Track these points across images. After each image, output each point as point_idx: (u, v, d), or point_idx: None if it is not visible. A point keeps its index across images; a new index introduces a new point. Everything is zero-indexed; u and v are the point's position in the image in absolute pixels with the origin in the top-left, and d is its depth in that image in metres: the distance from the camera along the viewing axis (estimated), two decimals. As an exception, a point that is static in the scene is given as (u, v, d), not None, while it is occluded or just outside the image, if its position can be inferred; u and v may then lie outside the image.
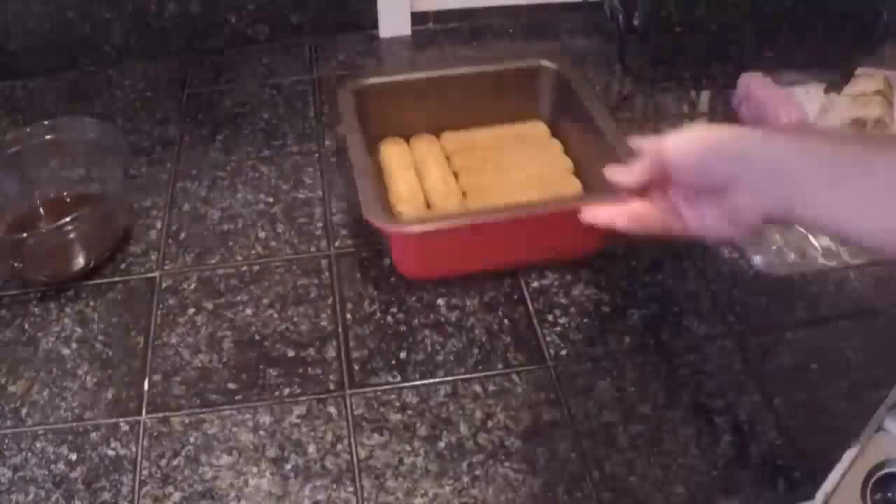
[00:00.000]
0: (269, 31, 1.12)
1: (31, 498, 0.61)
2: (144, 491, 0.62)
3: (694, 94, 1.02)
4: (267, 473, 0.63)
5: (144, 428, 0.66)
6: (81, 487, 0.62)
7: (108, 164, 0.83)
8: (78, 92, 1.05)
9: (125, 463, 0.64)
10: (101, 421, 0.67)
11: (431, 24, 1.16)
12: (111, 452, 0.64)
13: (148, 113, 1.01)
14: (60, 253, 0.77)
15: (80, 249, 0.77)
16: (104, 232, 0.80)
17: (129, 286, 0.79)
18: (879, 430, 0.64)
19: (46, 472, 0.63)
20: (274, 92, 1.04)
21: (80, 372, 0.71)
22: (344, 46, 1.12)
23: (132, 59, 1.09)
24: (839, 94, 0.87)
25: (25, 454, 0.64)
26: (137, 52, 1.09)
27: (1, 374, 0.71)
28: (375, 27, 1.14)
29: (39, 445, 0.65)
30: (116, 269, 0.80)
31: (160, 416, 0.67)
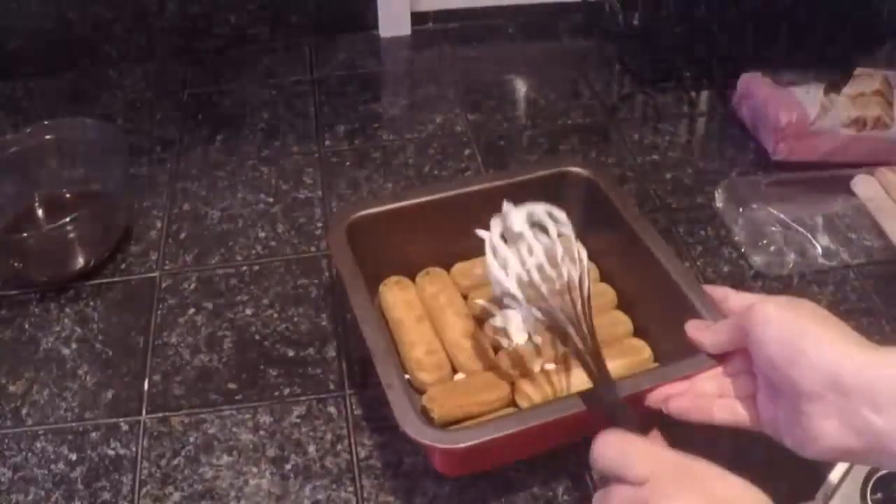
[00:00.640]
0: (269, 31, 1.12)
1: (31, 498, 0.61)
2: (144, 491, 0.62)
3: (694, 94, 1.02)
4: (267, 473, 0.63)
5: (144, 428, 0.66)
6: (81, 487, 0.62)
7: (108, 164, 0.83)
8: (78, 92, 1.05)
9: (125, 463, 0.64)
10: (101, 421, 0.67)
11: (431, 24, 1.16)
12: (111, 452, 0.64)
13: (148, 113, 1.01)
14: (60, 253, 0.77)
15: (80, 249, 0.77)
16: (104, 232, 0.80)
17: (129, 286, 0.79)
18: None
19: (46, 472, 0.63)
20: (274, 92, 1.04)
21: (80, 372, 0.71)
22: (344, 46, 1.12)
23: (132, 59, 1.09)
24: (839, 93, 0.87)
25: (25, 454, 0.64)
26: (137, 52, 1.09)
27: (1, 374, 0.71)
28: (375, 27, 1.14)
29: (39, 445, 0.65)
30: (116, 269, 0.80)
31: (160, 416, 0.67)
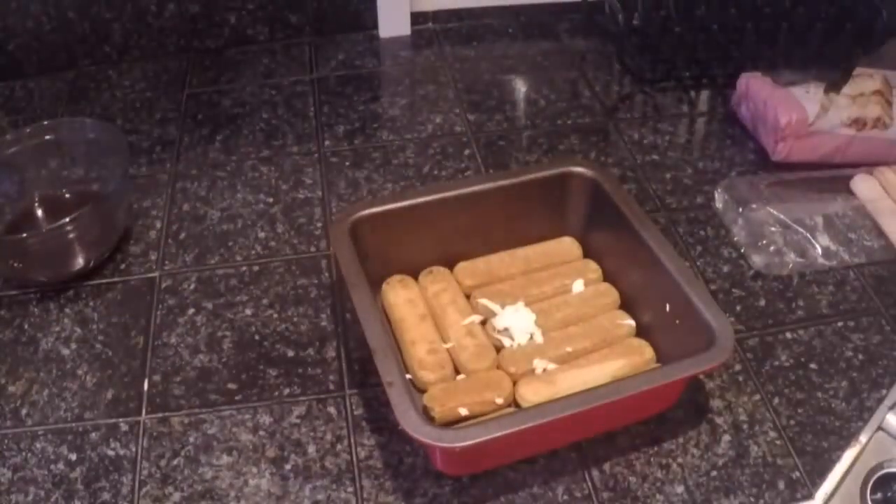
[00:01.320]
0: (269, 31, 1.12)
1: (30, 498, 0.61)
2: (144, 491, 0.62)
3: (693, 94, 1.02)
4: (266, 474, 0.63)
5: (144, 428, 0.66)
6: (81, 487, 0.62)
7: (108, 164, 0.83)
8: (78, 92, 1.05)
9: (125, 463, 0.64)
10: (100, 421, 0.67)
11: (431, 24, 1.16)
12: (111, 452, 0.64)
13: (148, 113, 1.01)
14: (60, 253, 0.77)
15: (79, 249, 0.77)
16: (104, 232, 0.80)
17: (128, 286, 0.79)
18: (879, 430, 0.64)
19: (46, 472, 0.63)
20: (274, 92, 1.04)
21: (79, 372, 0.71)
22: (344, 46, 1.12)
23: (132, 59, 1.09)
24: (838, 94, 0.87)
25: (25, 454, 0.64)
26: (137, 52, 1.09)
27: (1, 374, 0.71)
28: (375, 27, 1.14)
29: (39, 445, 0.65)
30: (116, 269, 0.80)
31: (160, 416, 0.67)
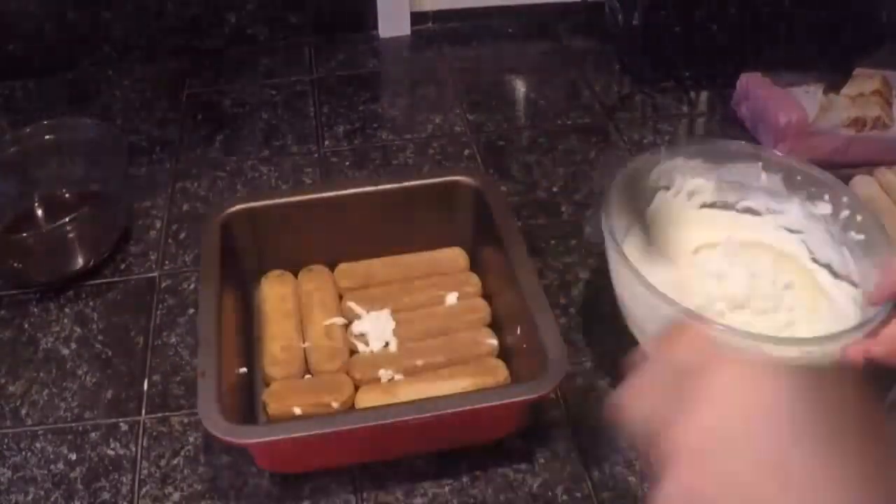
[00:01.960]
0: (269, 31, 1.12)
1: (30, 498, 0.61)
2: (144, 491, 0.62)
3: (693, 94, 1.02)
4: (266, 473, 0.62)
5: (144, 428, 0.66)
6: (81, 487, 0.62)
7: (108, 164, 0.83)
8: (78, 92, 1.05)
9: (125, 463, 0.64)
10: (100, 421, 0.67)
11: (431, 24, 1.16)
12: (111, 452, 0.64)
13: (148, 113, 1.01)
14: (60, 253, 0.77)
15: (79, 249, 0.77)
16: (104, 232, 0.80)
17: (128, 286, 0.79)
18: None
19: (46, 472, 0.63)
20: (274, 92, 1.04)
21: (79, 372, 0.71)
22: (344, 46, 1.12)
23: (132, 59, 1.09)
24: (838, 94, 0.87)
25: (25, 454, 0.64)
26: (137, 52, 1.09)
27: (1, 374, 0.71)
28: (375, 27, 1.14)
29: (39, 445, 0.65)
30: (116, 269, 0.80)
31: (160, 416, 0.67)
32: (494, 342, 0.69)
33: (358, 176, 0.90)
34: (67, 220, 0.74)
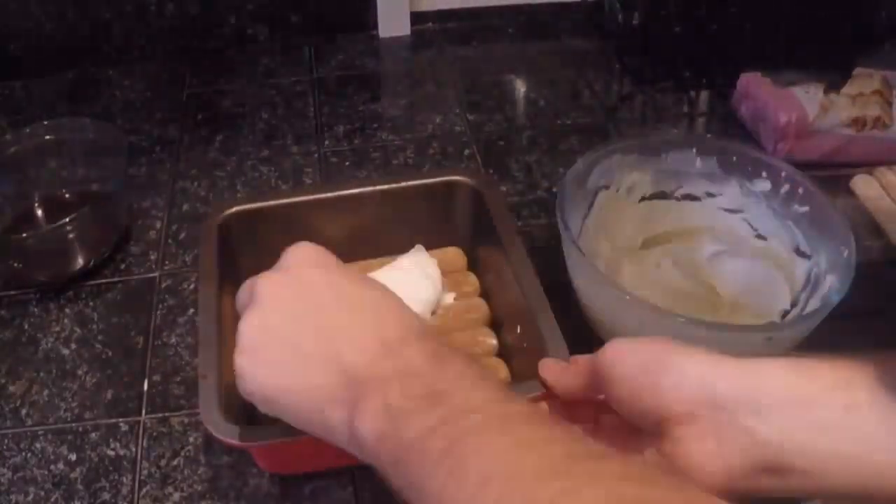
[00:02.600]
0: (269, 31, 1.12)
1: (30, 498, 0.61)
2: (144, 491, 0.62)
3: (693, 94, 1.02)
4: (266, 474, 0.62)
5: (144, 428, 0.66)
6: (81, 488, 0.62)
7: (108, 164, 0.83)
8: (78, 92, 1.05)
9: (125, 463, 0.64)
10: (100, 421, 0.67)
11: (431, 24, 1.16)
12: (111, 452, 0.64)
13: (148, 113, 1.01)
14: (60, 253, 0.77)
15: (79, 249, 0.77)
16: (104, 232, 0.80)
17: (128, 286, 0.79)
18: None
19: (46, 472, 0.63)
20: (274, 92, 1.04)
21: (79, 372, 0.71)
22: (344, 46, 1.12)
23: (132, 59, 1.09)
24: (838, 94, 0.87)
25: (25, 454, 0.64)
26: (137, 52, 1.09)
27: (1, 374, 0.71)
28: (375, 27, 1.14)
29: (39, 445, 0.65)
30: (116, 269, 0.80)
31: (160, 416, 0.67)
32: (494, 341, 0.69)
33: (358, 176, 0.90)
34: (67, 220, 0.74)
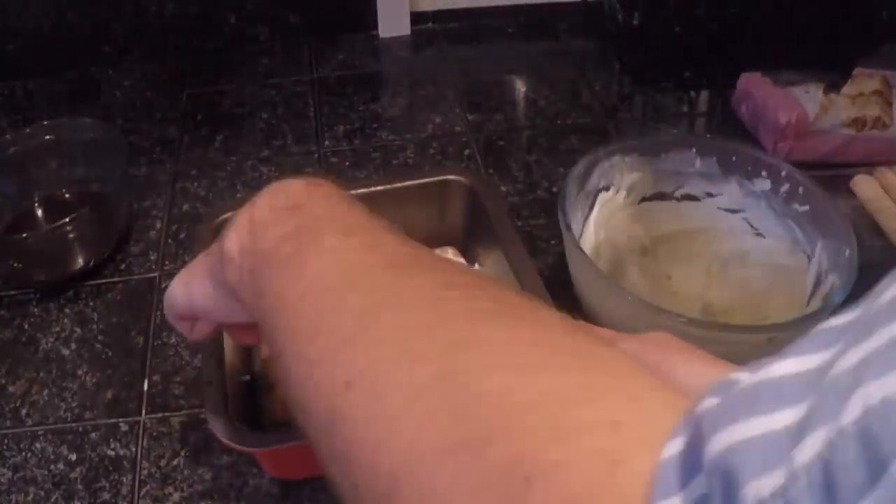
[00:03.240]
0: (269, 31, 1.12)
1: (30, 498, 0.61)
2: (144, 491, 0.62)
3: (693, 94, 1.02)
4: (266, 474, 0.62)
5: (144, 428, 0.66)
6: (81, 488, 0.62)
7: (108, 164, 0.83)
8: (78, 92, 1.05)
9: (125, 463, 0.64)
10: (100, 421, 0.67)
11: (431, 24, 1.16)
12: (111, 452, 0.64)
13: (148, 113, 1.01)
14: (60, 253, 0.77)
15: (79, 249, 0.77)
16: (104, 232, 0.80)
17: (128, 286, 0.79)
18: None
19: (46, 472, 0.63)
20: (274, 92, 1.04)
21: (79, 372, 0.71)
22: (344, 46, 1.12)
23: (132, 59, 1.09)
24: (838, 94, 0.87)
25: (25, 454, 0.64)
26: (137, 52, 1.09)
27: (1, 374, 0.71)
28: (375, 27, 1.14)
29: (39, 445, 0.65)
30: (116, 269, 0.80)
31: (160, 416, 0.67)
32: None
33: (358, 176, 0.90)
34: (67, 220, 0.74)
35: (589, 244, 0.70)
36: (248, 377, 0.66)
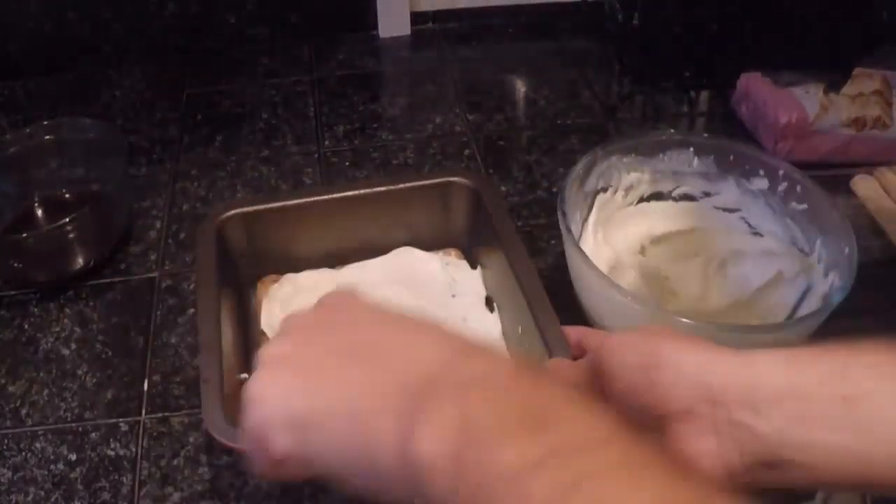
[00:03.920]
0: (269, 31, 1.12)
1: (30, 498, 0.61)
2: (144, 491, 0.62)
3: (693, 94, 1.02)
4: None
5: (144, 428, 0.66)
6: (81, 488, 0.62)
7: (108, 164, 0.83)
8: (78, 92, 1.05)
9: (125, 463, 0.64)
10: (100, 421, 0.67)
11: (431, 24, 1.16)
12: (111, 452, 0.64)
13: (148, 113, 1.01)
14: (60, 253, 0.77)
15: (79, 249, 0.77)
16: (104, 232, 0.80)
17: (128, 286, 0.79)
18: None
19: (46, 472, 0.63)
20: (274, 92, 1.04)
21: (79, 372, 0.71)
22: (344, 46, 1.12)
23: (132, 59, 1.09)
24: (838, 93, 0.87)
25: (25, 454, 0.64)
26: (137, 52, 1.09)
27: (1, 374, 0.71)
28: (375, 27, 1.14)
29: (39, 445, 0.65)
30: (116, 269, 0.80)
31: (160, 416, 0.67)
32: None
33: (358, 176, 0.90)
34: (67, 220, 0.74)
35: (588, 244, 0.70)
36: (246, 376, 0.66)
